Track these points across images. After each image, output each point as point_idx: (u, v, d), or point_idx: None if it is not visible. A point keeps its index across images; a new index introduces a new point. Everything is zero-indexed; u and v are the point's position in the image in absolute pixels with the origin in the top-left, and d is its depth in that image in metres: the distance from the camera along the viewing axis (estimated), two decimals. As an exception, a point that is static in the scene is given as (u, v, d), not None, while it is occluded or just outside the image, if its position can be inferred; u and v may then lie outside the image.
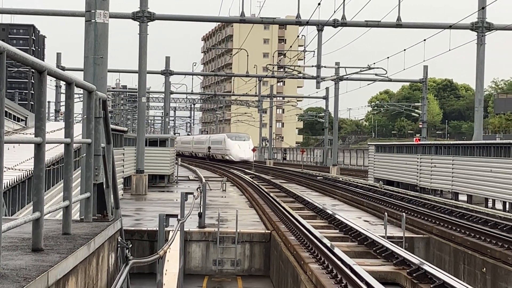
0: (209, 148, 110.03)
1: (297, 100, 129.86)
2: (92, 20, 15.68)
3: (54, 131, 25.21)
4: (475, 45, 43.81)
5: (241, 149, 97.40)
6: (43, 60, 7.43)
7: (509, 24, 42.75)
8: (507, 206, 33.73)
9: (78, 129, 10.30)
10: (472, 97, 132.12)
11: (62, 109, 76.05)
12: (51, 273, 5.85)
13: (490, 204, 36.01)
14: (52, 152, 20.41)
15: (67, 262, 6.40)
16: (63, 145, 8.12)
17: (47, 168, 19.19)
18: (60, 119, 72.82)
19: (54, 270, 5.95)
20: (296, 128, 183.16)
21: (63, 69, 65.45)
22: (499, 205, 35.27)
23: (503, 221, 27.14)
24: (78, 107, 67.04)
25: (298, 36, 67.89)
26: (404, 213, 26.94)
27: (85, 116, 9.22)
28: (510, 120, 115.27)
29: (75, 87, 7.85)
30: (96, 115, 9.13)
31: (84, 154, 9.27)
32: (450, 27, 43.02)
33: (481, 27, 42.93)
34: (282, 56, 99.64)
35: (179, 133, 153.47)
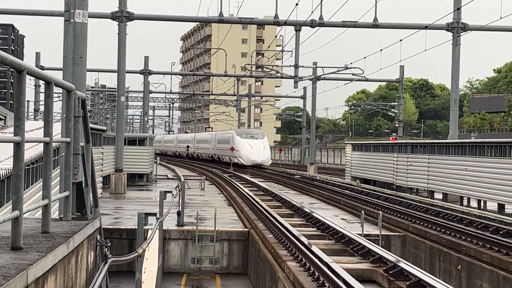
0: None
1: (275, 100, 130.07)
2: (71, 20, 15.62)
3: (33, 130, 25.10)
4: (451, 45, 44.00)
5: (254, 149, 76.04)
6: (22, 60, 7.37)
7: (484, 25, 42.97)
8: (482, 204, 33.91)
9: (57, 128, 10.25)
10: (447, 97, 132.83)
11: (41, 108, 75.72)
12: (30, 271, 5.83)
13: (465, 202, 36.18)
14: (32, 151, 20.31)
15: (46, 260, 6.38)
16: (42, 144, 8.08)
17: (26, 167, 19.10)
18: (39, 118, 72.45)
19: (33, 268, 5.93)
20: (274, 127, 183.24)
21: (42, 68, 65.13)
22: (474, 203, 35.45)
23: (478, 219, 27.29)
24: (57, 106, 66.75)
25: (276, 36, 68.05)
26: (380, 211, 27.01)
27: (64, 115, 9.18)
28: (484, 119, 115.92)
29: (54, 86, 7.82)
30: (75, 114, 9.09)
31: (63, 153, 9.23)
32: (426, 27, 43.19)
33: (457, 28, 43.12)
34: (260, 56, 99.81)
35: (173, 131, 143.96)
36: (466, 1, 43.09)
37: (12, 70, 6.56)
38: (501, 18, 37.63)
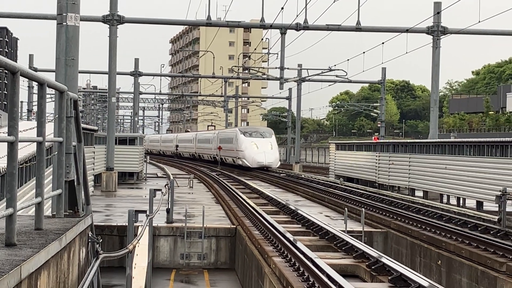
0: (220, 148, 77.53)
1: (261, 100, 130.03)
2: (64, 23, 15.59)
3: (27, 130, 25.03)
4: (431, 48, 44.11)
5: (260, 149, 65.06)
6: (16, 62, 7.38)
7: (463, 28, 43.10)
8: (461, 202, 34.03)
9: (50, 128, 10.23)
10: (428, 98, 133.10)
11: (35, 108, 75.46)
12: (23, 267, 5.82)
13: (445, 200, 36.28)
14: (25, 150, 20.24)
15: (39, 256, 6.37)
16: (35, 143, 8.07)
17: (20, 166, 19.04)
18: (33, 118, 72.22)
19: (26, 264, 5.92)
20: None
21: (36, 70, 64.92)
22: (453, 201, 35.56)
23: (457, 215, 27.38)
24: (50, 107, 66.52)
25: (262, 39, 68.02)
26: (363, 209, 27.06)
27: (57, 116, 9.17)
28: (463, 120, 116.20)
29: (47, 87, 7.81)
30: (68, 115, 9.08)
31: (56, 152, 9.22)
32: (407, 31, 43.28)
33: (436, 31, 43.23)
34: (247, 58, 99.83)
35: (171, 130, 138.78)
36: (445, 5, 43.26)
37: (6, 71, 6.54)
38: (479, 22, 37.76)
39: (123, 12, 42.94)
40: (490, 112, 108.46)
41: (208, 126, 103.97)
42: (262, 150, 65.10)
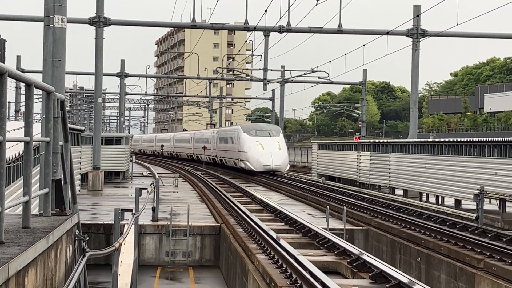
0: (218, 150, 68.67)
1: (245, 101, 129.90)
2: (51, 25, 15.54)
3: (14, 130, 24.91)
4: (411, 50, 44.23)
5: (266, 150, 54.64)
6: (3, 63, 7.33)
7: (442, 31, 43.24)
8: (440, 200, 34.14)
9: (37, 128, 10.20)
10: (407, 99, 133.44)
11: (22, 109, 75.10)
12: (11, 265, 5.80)
13: (424, 198, 36.40)
14: (12, 150, 20.15)
15: (26, 254, 6.34)
16: (23, 143, 8.04)
17: (8, 165, 18.96)
18: (20, 118, 71.83)
19: (14, 262, 5.90)
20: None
21: (23, 71, 64.62)
22: (432, 199, 35.68)
23: (436, 213, 27.48)
24: (38, 107, 66.22)
25: (246, 41, 68.00)
26: (344, 207, 27.11)
27: (44, 116, 9.13)
28: (442, 120, 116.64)
29: (34, 88, 7.78)
30: (55, 115, 9.05)
31: (43, 152, 9.19)
32: (388, 33, 43.38)
33: (416, 34, 43.35)
34: (231, 60, 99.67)
35: (166, 129, 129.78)
36: (425, 8, 43.39)
37: (-6, 72, 6.51)
38: (458, 24, 37.90)
39: (109, 14, 42.84)
40: (468, 113, 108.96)
41: (207, 124, 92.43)
42: (269, 151, 54.52)
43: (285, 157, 55.44)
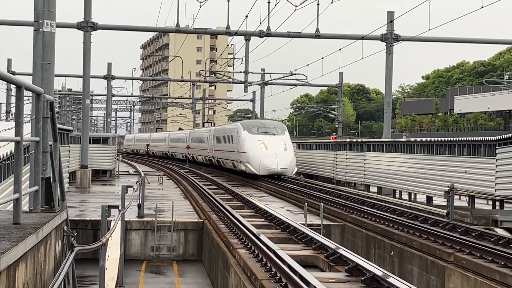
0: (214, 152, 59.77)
1: (227, 103, 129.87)
2: (40, 30, 15.48)
3: (5, 130, 24.77)
4: (385, 54, 44.36)
5: (270, 151, 45.56)
6: (-5, 65, 7.28)
7: (414, 36, 43.41)
8: (412, 197, 34.27)
9: (27, 128, 10.15)
10: (381, 100, 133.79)
11: (13, 110, 74.68)
12: (2, 259, 5.77)
13: (397, 195, 36.52)
14: (3, 149, 20.03)
15: (17, 249, 6.32)
16: (13, 142, 8.01)
17: (-1, 164, 18.87)
18: (11, 119, 71.44)
19: (5, 256, 5.87)
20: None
21: (14, 73, 64.22)
22: (405, 196, 35.81)
23: (409, 210, 27.57)
24: (28, 108, 65.76)
25: (227, 45, 68.04)
26: (322, 203, 27.15)
27: (34, 117, 9.09)
28: (414, 121, 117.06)
29: (24, 90, 7.75)
30: (44, 116, 9.01)
31: (33, 151, 9.15)
32: (363, 38, 43.50)
33: (390, 38, 43.49)
34: (213, 63, 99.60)
35: (161, 129, 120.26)
36: (398, 14, 43.53)
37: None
38: (429, 30, 38.06)
39: (96, 19, 42.70)
40: (439, 114, 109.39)
41: (203, 122, 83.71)
42: (273, 151, 45.54)
43: (292, 158, 46.30)
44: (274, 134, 47.22)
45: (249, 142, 46.76)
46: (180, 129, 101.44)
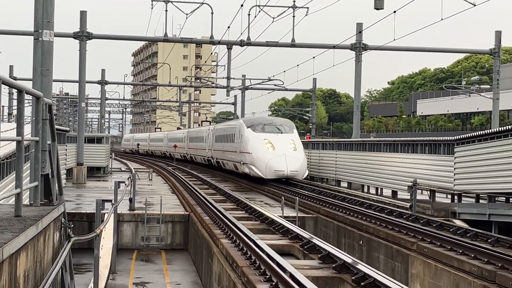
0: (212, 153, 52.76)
1: (211, 106, 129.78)
2: (40, 39, 15.41)
3: (8, 130, 24.60)
4: (354, 62, 44.48)
5: (277, 151, 37.49)
6: (-2, 71, 7.26)
7: (380, 45, 43.54)
8: (379, 191, 34.41)
9: (28, 129, 10.11)
10: (351, 104, 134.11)
11: (14, 112, 74.21)
12: (5, 249, 5.75)
13: (365, 189, 36.65)
14: (6, 148, 19.91)
15: (18, 239, 6.29)
16: (15, 142, 7.97)
17: (2, 162, 18.76)
18: (13, 120, 70.97)
19: (7, 246, 5.85)
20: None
21: (15, 79, 63.79)
22: (372, 190, 35.95)
23: (376, 203, 27.69)
24: (28, 111, 65.36)
25: (211, 53, 67.95)
26: (297, 197, 27.20)
27: (34, 118, 9.06)
28: (381, 122, 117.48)
29: (25, 94, 7.72)
30: (43, 118, 8.98)
31: (33, 150, 9.11)
32: (334, 47, 43.56)
33: (359, 48, 43.60)
34: (198, 70, 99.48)
35: (160, 128, 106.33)
36: (366, 25, 43.68)
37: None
38: (394, 40, 38.21)
39: (91, 29, 42.51)
40: (403, 116, 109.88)
41: (202, 121, 74.15)
42: (281, 151, 37.49)
43: (303, 159, 38.05)
44: (281, 132, 39.16)
45: (254, 141, 38.77)
46: (178, 128, 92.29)
